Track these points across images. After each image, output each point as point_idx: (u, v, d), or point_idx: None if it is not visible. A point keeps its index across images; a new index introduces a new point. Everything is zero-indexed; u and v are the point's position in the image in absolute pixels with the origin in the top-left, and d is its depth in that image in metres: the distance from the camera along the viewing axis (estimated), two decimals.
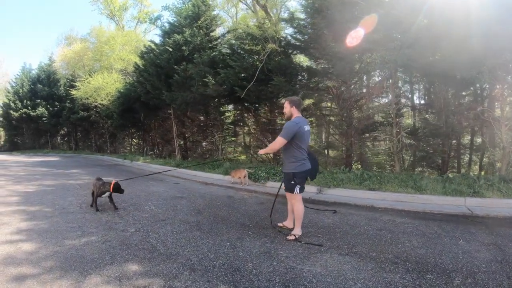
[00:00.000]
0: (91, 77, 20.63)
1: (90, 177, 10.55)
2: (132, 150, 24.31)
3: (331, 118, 11.46)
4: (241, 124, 15.19)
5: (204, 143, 16.78)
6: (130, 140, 25.47)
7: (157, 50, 14.56)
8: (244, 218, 5.15)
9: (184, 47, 12.36)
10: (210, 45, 13.43)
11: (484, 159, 10.32)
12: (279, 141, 3.88)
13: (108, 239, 4.03)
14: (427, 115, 11.64)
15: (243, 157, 15.99)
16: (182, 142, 16.87)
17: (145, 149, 21.70)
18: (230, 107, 15.81)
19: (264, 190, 7.89)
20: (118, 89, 19.47)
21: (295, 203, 4.05)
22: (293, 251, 3.61)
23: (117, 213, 5.38)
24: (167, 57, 12.85)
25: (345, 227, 4.54)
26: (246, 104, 12.62)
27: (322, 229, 4.46)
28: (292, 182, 3.95)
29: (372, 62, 9.12)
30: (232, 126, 15.60)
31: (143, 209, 5.77)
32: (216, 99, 13.04)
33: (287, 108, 4.11)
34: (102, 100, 20.58)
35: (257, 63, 10.08)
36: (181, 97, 12.11)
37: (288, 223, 4.46)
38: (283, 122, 13.26)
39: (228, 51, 12.14)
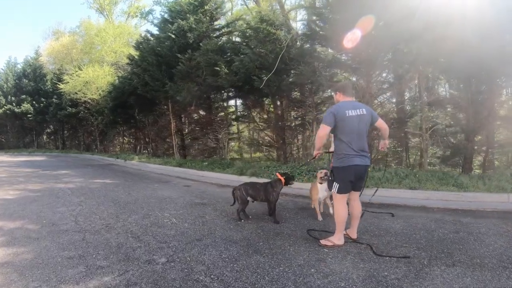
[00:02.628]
0: (81, 70, 18.62)
1: (82, 179, 8.84)
2: (124, 148, 22.32)
3: None
4: (247, 120, 13.67)
5: (201, 141, 15.23)
6: (121, 138, 23.45)
7: (153, 40, 12.86)
8: (300, 230, 3.85)
9: (189, 34, 10.74)
10: (215, 34, 11.90)
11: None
12: (320, 129, 3.22)
13: (131, 279, 2.50)
14: (448, 111, 10.51)
15: (242, 155, 14.57)
16: (179, 140, 15.21)
17: (138, 148, 19.83)
18: (232, 102, 14.36)
19: (291, 191, 6.49)
20: (111, 82, 17.61)
21: (335, 203, 3.41)
22: (397, 269, 2.71)
23: (131, 232, 3.81)
24: (169, 45, 11.18)
25: (420, 232, 3.74)
26: (256, 97, 11.12)
27: (400, 236, 3.58)
28: (330, 178, 3.40)
29: (409, 53, 7.86)
30: (237, 122, 14.10)
31: (162, 223, 4.21)
32: (224, 92, 11.57)
33: (334, 97, 3.49)
34: (92, 95, 18.62)
35: (278, 49, 8.62)
36: (187, 88, 10.50)
37: (351, 232, 3.52)
38: (295, 116, 11.91)
39: (239, 39, 10.66)
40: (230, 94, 12.23)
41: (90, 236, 3.63)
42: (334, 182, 3.27)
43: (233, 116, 13.88)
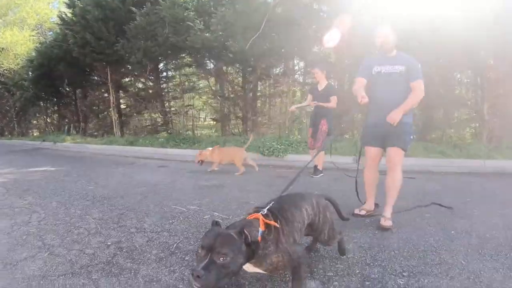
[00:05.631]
0: None
1: (12, 169, 5.88)
2: (44, 130, 18.13)
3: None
4: (206, 90, 11.98)
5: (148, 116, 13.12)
6: (44, 117, 19.01)
7: None
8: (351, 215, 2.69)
9: None
10: None
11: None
12: (422, 86, 2.51)
13: None
14: None
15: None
16: (118, 116, 12.68)
17: (66, 127, 16.03)
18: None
19: (290, 164, 5.86)
20: (33, 48, 13.91)
21: (398, 168, 2.60)
22: None
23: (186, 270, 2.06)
24: None
25: (461, 191, 3.71)
26: (225, 64, 9.45)
27: (458, 197, 3.36)
28: (412, 137, 2.64)
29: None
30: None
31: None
32: (184, 56, 9.70)
33: (390, 36, 2.65)
34: (9, 65, 14.59)
35: (262, 9, 7.08)
36: (144, 48, 8.26)
37: (369, 205, 2.86)
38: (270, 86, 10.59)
39: None
40: (190, 59, 10.26)
41: None
42: (411, 136, 2.62)
43: (191, 84, 11.97)
